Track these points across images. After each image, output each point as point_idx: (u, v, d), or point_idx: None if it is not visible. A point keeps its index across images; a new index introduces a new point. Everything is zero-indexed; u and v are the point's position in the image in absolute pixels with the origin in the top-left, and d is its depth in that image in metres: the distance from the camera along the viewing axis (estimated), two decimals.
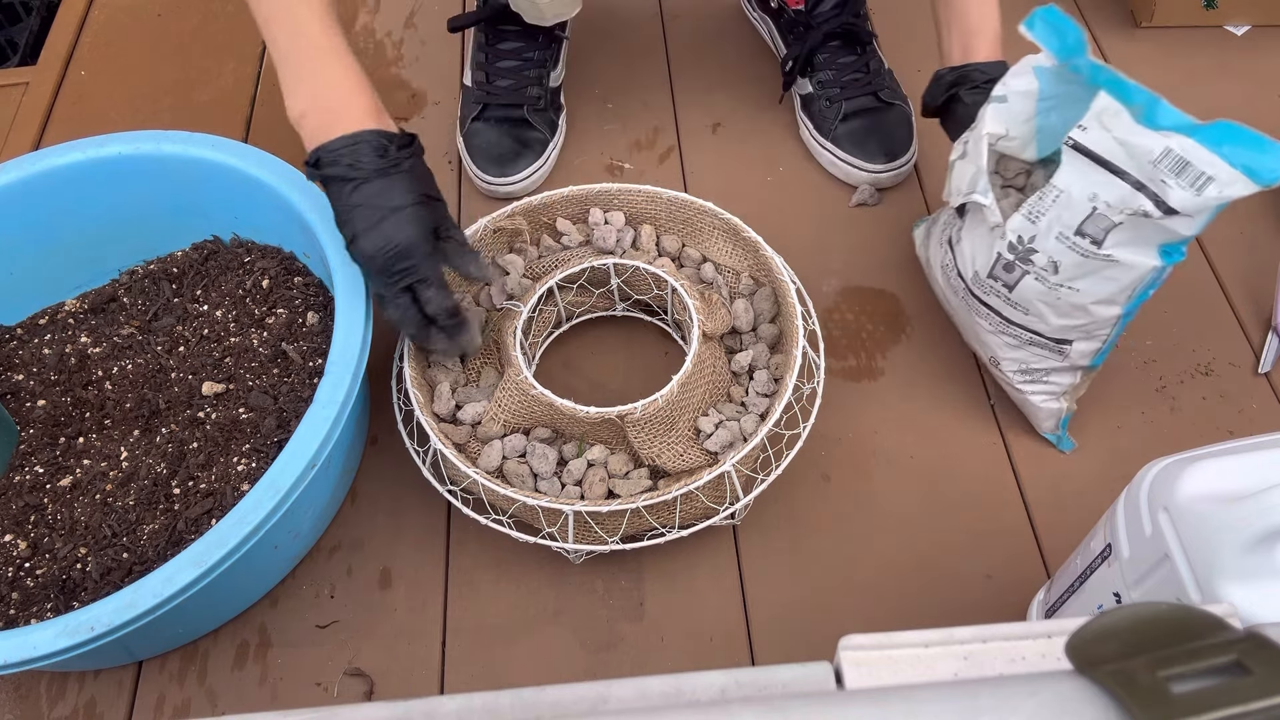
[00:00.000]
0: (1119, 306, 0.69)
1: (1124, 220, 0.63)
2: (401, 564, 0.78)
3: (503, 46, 0.99)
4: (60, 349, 0.85)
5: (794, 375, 0.74)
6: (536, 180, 0.99)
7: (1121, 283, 0.67)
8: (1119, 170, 0.62)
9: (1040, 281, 0.69)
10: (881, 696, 0.26)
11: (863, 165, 0.97)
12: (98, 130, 0.85)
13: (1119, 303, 0.69)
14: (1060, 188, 0.65)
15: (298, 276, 0.86)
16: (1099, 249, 0.65)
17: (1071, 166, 0.64)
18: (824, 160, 1.00)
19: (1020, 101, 0.71)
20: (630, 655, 0.73)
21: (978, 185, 0.71)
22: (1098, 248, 0.65)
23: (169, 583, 0.61)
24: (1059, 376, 0.77)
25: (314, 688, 0.73)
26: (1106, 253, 0.65)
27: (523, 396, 0.75)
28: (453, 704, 0.30)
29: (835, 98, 0.98)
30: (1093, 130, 0.63)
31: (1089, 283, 0.67)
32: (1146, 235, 0.64)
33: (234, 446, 0.77)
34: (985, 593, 0.75)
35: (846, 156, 0.97)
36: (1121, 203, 0.62)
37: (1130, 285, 0.67)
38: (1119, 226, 0.63)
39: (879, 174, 0.97)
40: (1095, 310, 0.69)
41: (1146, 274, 0.66)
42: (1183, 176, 0.60)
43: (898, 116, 0.99)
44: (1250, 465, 0.50)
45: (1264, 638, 0.25)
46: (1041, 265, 0.68)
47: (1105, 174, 0.63)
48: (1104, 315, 0.70)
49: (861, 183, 0.98)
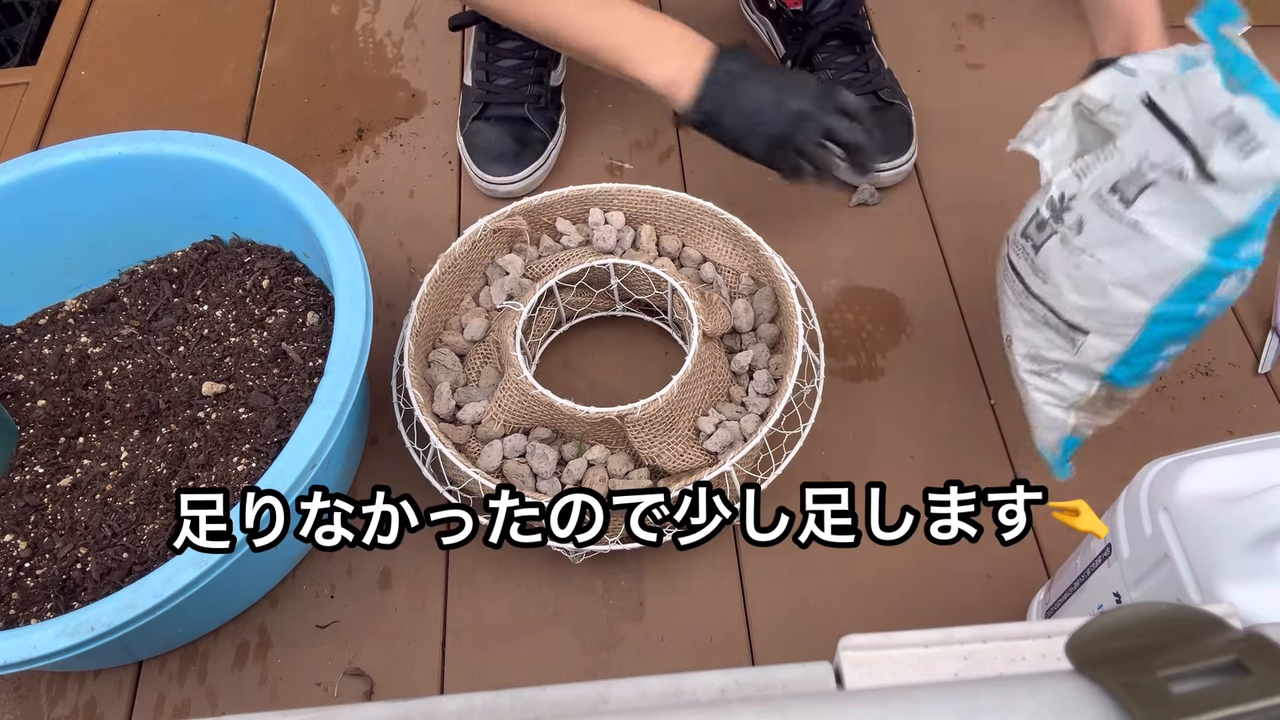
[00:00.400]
0: (1147, 301, 0.59)
1: (1159, 179, 0.55)
2: (401, 564, 0.78)
3: (503, 45, 0.99)
4: (60, 349, 0.85)
5: (794, 375, 0.74)
6: (537, 180, 0.99)
7: (1151, 266, 0.58)
8: (1178, 129, 0.55)
9: (1064, 244, 0.62)
10: (881, 696, 0.26)
11: None
12: (98, 130, 0.85)
13: (1148, 296, 0.59)
14: (1119, 147, 0.58)
15: (298, 276, 0.86)
16: (1127, 210, 0.57)
17: (1139, 126, 0.57)
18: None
19: (1148, 81, 0.61)
20: (630, 655, 0.73)
21: (1036, 134, 0.65)
22: (1126, 208, 0.57)
23: (169, 583, 0.61)
24: (1069, 378, 0.68)
25: (314, 688, 0.73)
26: (1134, 217, 0.57)
27: (523, 396, 0.75)
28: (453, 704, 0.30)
29: None
30: (1172, 91, 0.56)
31: (1112, 254, 0.59)
32: (1186, 209, 0.55)
33: (234, 446, 0.77)
34: (985, 593, 0.75)
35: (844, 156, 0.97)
36: (1162, 159, 0.55)
37: (1163, 274, 0.58)
38: (1153, 187, 0.56)
39: (879, 173, 0.97)
40: (1115, 295, 0.60)
41: (1185, 267, 0.57)
42: (1234, 139, 0.52)
43: (897, 115, 0.98)
44: (1250, 465, 0.50)
45: (1264, 638, 0.25)
46: (1069, 224, 0.61)
47: (1165, 133, 0.55)
48: (1126, 306, 0.60)
49: (861, 182, 0.98)
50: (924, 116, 1.03)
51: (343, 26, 1.18)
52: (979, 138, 1.02)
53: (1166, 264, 0.57)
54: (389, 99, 1.10)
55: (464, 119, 1.01)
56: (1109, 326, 0.62)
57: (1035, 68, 1.08)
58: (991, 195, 0.98)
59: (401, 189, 1.02)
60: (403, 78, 1.12)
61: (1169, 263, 0.57)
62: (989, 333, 0.88)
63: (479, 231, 0.84)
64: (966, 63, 1.09)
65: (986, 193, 0.98)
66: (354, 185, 1.03)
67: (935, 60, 1.10)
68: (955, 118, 1.04)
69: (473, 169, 0.99)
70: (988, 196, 0.98)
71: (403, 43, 1.16)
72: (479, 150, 0.98)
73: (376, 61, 1.14)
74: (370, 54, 1.15)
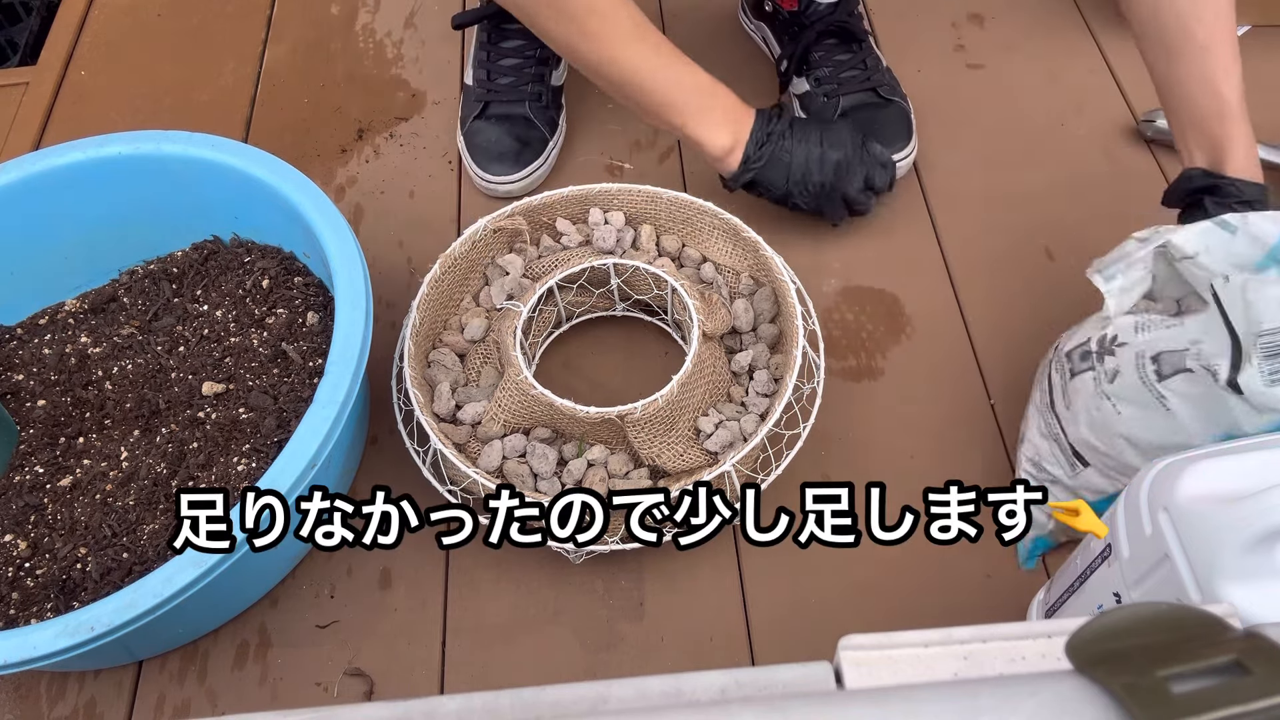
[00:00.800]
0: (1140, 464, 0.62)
1: (1195, 369, 0.58)
2: (401, 564, 0.78)
3: (505, 45, 0.99)
4: (60, 349, 0.85)
5: (794, 375, 0.74)
6: (537, 179, 0.99)
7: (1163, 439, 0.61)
8: (1231, 328, 0.57)
9: (1095, 384, 0.64)
10: (881, 696, 0.26)
11: None
12: (98, 130, 0.85)
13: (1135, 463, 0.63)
14: (1185, 325, 0.60)
15: (298, 276, 0.86)
16: (1159, 383, 0.60)
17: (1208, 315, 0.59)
18: None
19: (1246, 245, 0.60)
20: (630, 655, 0.73)
21: (1107, 267, 0.65)
22: (1158, 380, 0.60)
23: (169, 583, 0.61)
24: (1059, 493, 0.72)
25: (314, 688, 0.73)
26: (1164, 392, 0.59)
27: (523, 396, 0.75)
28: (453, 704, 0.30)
29: (833, 93, 0.98)
30: (1233, 288, 0.58)
31: (1132, 412, 0.62)
32: (1210, 405, 0.58)
33: (234, 446, 0.77)
34: (985, 593, 0.75)
35: None
36: (1205, 354, 0.58)
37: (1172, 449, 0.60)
38: (1186, 374, 0.58)
39: None
40: (1122, 447, 0.64)
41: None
42: (1269, 362, 0.55)
43: (896, 113, 0.98)
44: (1250, 465, 0.50)
45: (1264, 638, 0.25)
46: (1107, 369, 0.64)
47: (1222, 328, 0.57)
48: (1128, 460, 0.64)
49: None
50: (924, 116, 1.03)
51: (343, 26, 1.18)
52: (979, 138, 1.02)
53: (1178, 443, 0.60)
54: (389, 99, 1.10)
55: (464, 118, 1.01)
56: (1108, 470, 0.66)
57: (1035, 68, 1.08)
58: (992, 195, 0.98)
59: (401, 189, 1.02)
60: (403, 78, 1.12)
61: (1180, 443, 0.60)
62: (989, 333, 0.88)
63: (479, 231, 0.84)
64: (966, 63, 1.09)
65: (987, 192, 0.98)
66: (354, 185, 1.03)
67: (935, 60, 1.10)
68: (955, 118, 1.04)
69: (473, 168, 0.99)
70: (988, 196, 0.98)
71: (403, 43, 1.16)
72: (479, 149, 0.98)
73: (376, 61, 1.14)
74: (370, 54, 1.15)
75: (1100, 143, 1.01)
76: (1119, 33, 1.11)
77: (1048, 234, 0.94)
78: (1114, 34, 1.10)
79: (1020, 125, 1.03)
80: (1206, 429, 0.59)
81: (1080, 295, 0.90)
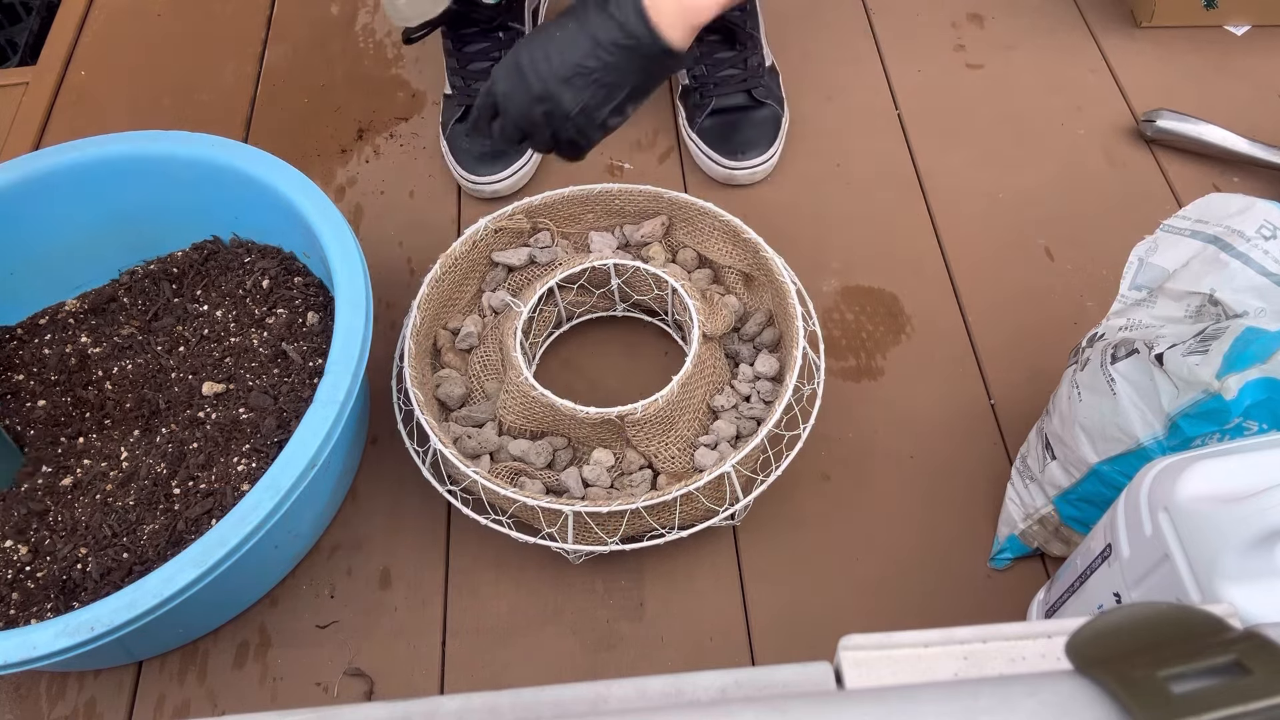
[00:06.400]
0: (1094, 455, 0.63)
1: (1140, 349, 0.59)
2: (401, 564, 0.78)
3: (469, 49, 0.99)
4: (60, 349, 0.85)
5: (794, 376, 0.74)
6: (523, 177, 0.99)
7: (1106, 424, 0.61)
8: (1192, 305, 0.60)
9: (1073, 374, 0.65)
10: (881, 696, 0.26)
11: (720, 161, 0.97)
12: (98, 130, 0.85)
13: (1095, 449, 0.63)
14: (1154, 301, 0.63)
15: (298, 276, 0.86)
16: (1111, 365, 0.60)
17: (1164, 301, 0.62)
18: (693, 152, 1.00)
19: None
20: (630, 655, 0.73)
21: (1141, 278, 0.65)
22: (1111, 363, 0.60)
23: (169, 583, 0.61)
24: (1034, 489, 0.72)
25: (314, 688, 0.73)
26: (1113, 374, 0.60)
27: (523, 397, 0.75)
28: (453, 704, 0.30)
29: (708, 92, 0.98)
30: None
31: (1090, 399, 0.63)
32: (1143, 386, 0.59)
33: (234, 446, 0.77)
34: (985, 593, 0.75)
35: (707, 150, 0.98)
36: (1158, 334, 0.59)
37: (1113, 437, 0.61)
38: (1134, 355, 0.59)
39: (734, 170, 0.97)
40: (1076, 435, 0.64)
41: (1128, 440, 0.60)
42: (1198, 337, 0.56)
43: (765, 116, 0.98)
44: (1250, 465, 0.50)
45: (1264, 638, 0.25)
46: (1083, 360, 0.64)
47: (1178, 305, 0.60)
48: (1079, 450, 0.64)
49: (719, 178, 0.98)
50: (924, 116, 1.03)
51: (343, 26, 1.18)
52: (979, 138, 1.02)
53: (1120, 427, 0.60)
54: (389, 99, 1.10)
55: (445, 123, 1.01)
56: (1066, 461, 0.67)
57: (1035, 68, 1.08)
58: (992, 195, 0.98)
59: (401, 189, 1.02)
60: (403, 78, 1.12)
61: (1121, 428, 0.60)
62: (989, 333, 0.88)
63: (479, 231, 0.84)
64: (966, 63, 1.09)
65: (987, 192, 0.98)
66: (354, 185, 1.03)
67: (935, 60, 1.10)
68: (955, 118, 1.04)
69: (458, 172, 0.99)
70: (988, 196, 0.98)
71: (402, 43, 1.16)
72: (463, 152, 0.98)
73: (376, 61, 1.14)
74: (370, 54, 1.15)
75: (1100, 143, 1.01)
76: (1119, 33, 1.11)
77: (1048, 234, 0.94)
78: (1114, 34, 1.10)
79: (1020, 125, 1.03)
80: (1140, 415, 0.59)
81: (1080, 294, 0.90)
